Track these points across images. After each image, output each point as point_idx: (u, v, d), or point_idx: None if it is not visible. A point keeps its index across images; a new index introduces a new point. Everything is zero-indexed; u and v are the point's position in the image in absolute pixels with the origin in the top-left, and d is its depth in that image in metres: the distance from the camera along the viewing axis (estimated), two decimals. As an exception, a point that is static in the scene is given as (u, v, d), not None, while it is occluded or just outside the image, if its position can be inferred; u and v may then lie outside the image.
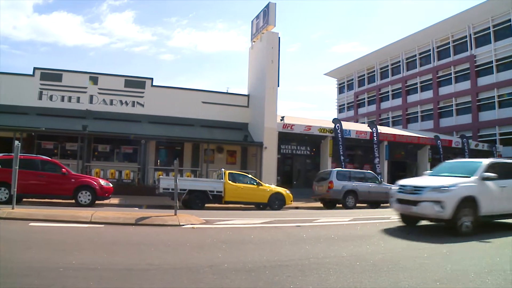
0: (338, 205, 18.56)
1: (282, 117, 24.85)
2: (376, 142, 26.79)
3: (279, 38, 24.03)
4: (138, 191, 20.19)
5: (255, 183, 16.83)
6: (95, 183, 14.20)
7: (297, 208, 17.77)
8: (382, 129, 31.58)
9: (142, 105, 23.86)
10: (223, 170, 16.79)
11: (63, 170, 14.07)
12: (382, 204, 18.56)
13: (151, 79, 24.31)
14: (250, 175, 18.08)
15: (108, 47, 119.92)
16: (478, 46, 39.34)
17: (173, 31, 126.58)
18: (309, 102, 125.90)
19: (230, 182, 16.17)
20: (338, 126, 25.63)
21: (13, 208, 9.46)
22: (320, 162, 26.09)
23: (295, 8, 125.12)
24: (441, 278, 5.03)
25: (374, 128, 27.34)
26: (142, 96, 23.93)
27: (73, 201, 13.78)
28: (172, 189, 11.74)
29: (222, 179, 16.20)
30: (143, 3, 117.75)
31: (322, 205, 19.20)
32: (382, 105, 51.20)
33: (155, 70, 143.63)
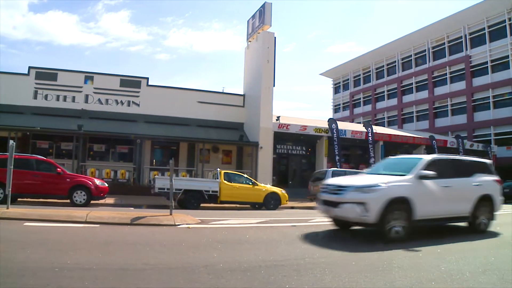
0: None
1: (278, 117, 24.88)
2: (371, 142, 26.89)
3: (275, 38, 24.08)
4: (134, 191, 20.14)
5: (251, 183, 16.83)
6: (91, 182, 14.13)
7: (292, 208, 17.78)
8: (378, 129, 31.68)
9: (138, 104, 23.82)
10: (218, 169, 16.78)
11: (58, 169, 14.01)
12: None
13: (147, 78, 24.27)
14: (245, 175, 18.09)
15: (103, 47, 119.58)
16: (473, 46, 39.60)
17: (169, 31, 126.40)
18: (304, 102, 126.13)
19: (226, 182, 16.15)
20: (333, 126, 25.69)
21: (7, 208, 9.42)
22: (316, 162, 26.15)
23: (291, 8, 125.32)
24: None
25: (369, 128, 27.44)
26: (137, 96, 23.88)
27: (68, 200, 13.70)
28: (168, 188, 11.72)
29: (218, 179, 16.19)
30: (139, 2, 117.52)
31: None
32: (378, 105, 51.39)
33: (151, 70, 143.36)
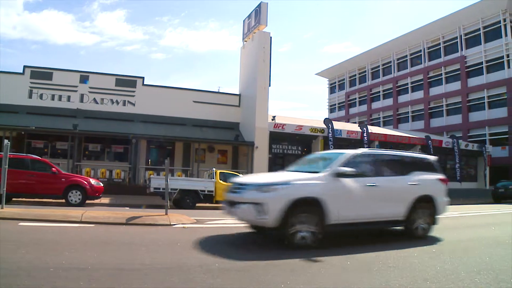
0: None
1: (274, 116, 24.89)
2: (366, 142, 26.95)
3: (270, 37, 24.07)
4: (129, 191, 20.08)
5: (247, 183, 16.79)
6: (86, 182, 14.09)
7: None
8: (373, 129, 31.77)
9: (133, 104, 23.75)
10: (214, 169, 16.78)
11: (53, 169, 13.96)
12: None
13: (142, 78, 24.21)
14: (241, 175, 18.09)
15: (99, 46, 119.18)
16: (469, 47, 39.80)
17: (164, 30, 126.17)
18: (300, 102, 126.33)
19: (221, 181, 16.15)
20: (329, 126, 25.73)
21: (2, 207, 9.40)
22: (312, 162, 26.10)
23: (287, 8, 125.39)
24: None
25: (364, 128, 27.50)
26: (133, 95, 23.82)
27: (63, 200, 13.66)
28: (163, 188, 11.73)
29: (213, 178, 16.20)
30: (135, 1, 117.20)
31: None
32: (373, 105, 51.55)
33: (147, 69, 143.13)
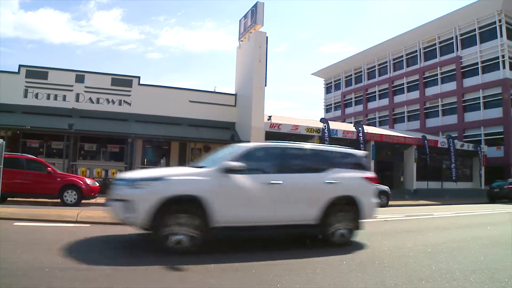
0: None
1: (269, 116, 24.86)
2: (362, 142, 26.99)
3: (266, 37, 24.01)
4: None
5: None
6: (81, 182, 14.02)
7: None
8: (369, 129, 31.84)
9: (129, 103, 23.66)
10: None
11: (49, 169, 13.88)
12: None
13: (138, 77, 24.09)
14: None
15: (95, 45, 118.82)
16: (464, 47, 39.99)
17: (161, 30, 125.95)
18: (296, 102, 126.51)
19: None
20: (325, 126, 25.76)
21: (-3, 207, 9.34)
22: (308, 162, 26.12)
23: (284, 8, 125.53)
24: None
25: (360, 128, 27.54)
26: (129, 95, 23.72)
27: (58, 200, 13.59)
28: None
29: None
30: (131, 1, 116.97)
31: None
32: (369, 105, 51.68)
33: (143, 69, 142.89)
